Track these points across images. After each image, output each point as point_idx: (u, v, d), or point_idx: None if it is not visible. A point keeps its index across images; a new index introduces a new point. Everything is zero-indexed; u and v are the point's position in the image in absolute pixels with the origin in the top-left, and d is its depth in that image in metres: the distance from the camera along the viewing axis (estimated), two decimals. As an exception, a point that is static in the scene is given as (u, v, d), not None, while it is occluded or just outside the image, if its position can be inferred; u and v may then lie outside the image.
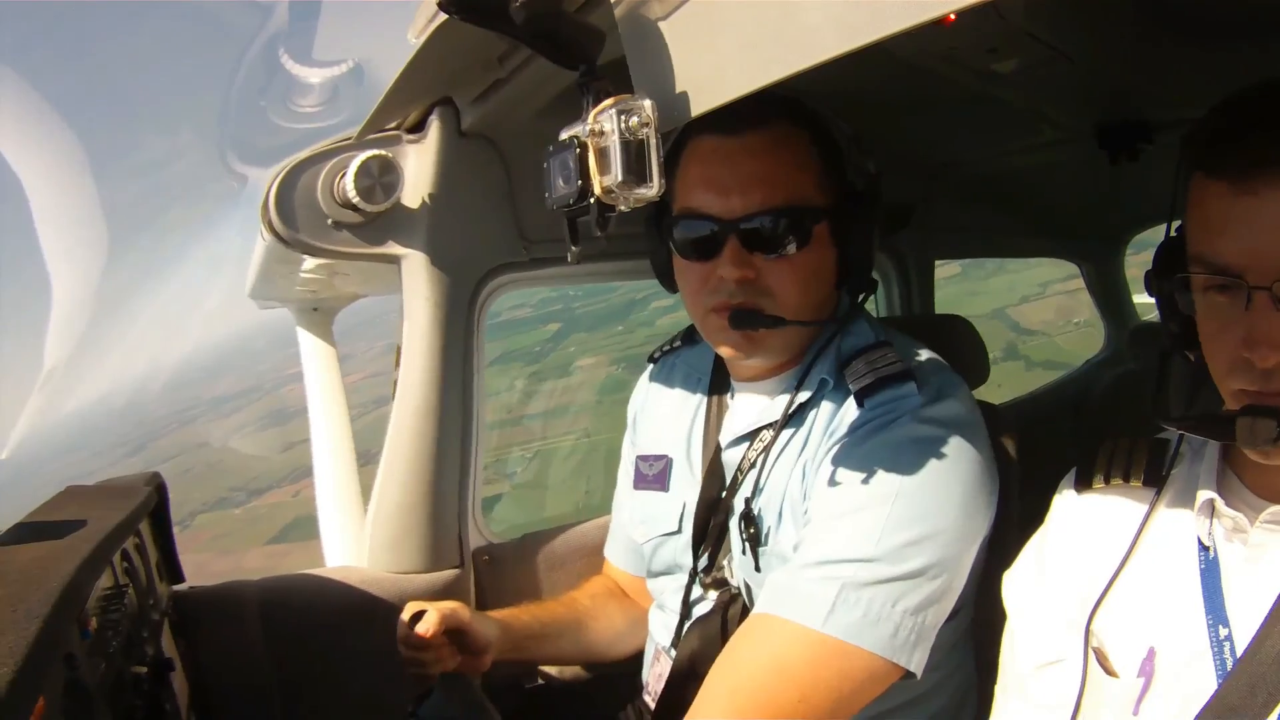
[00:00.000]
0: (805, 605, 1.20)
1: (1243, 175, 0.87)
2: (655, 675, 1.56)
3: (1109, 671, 1.04)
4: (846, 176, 1.39)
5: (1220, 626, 0.96)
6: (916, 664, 1.21)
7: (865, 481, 1.25)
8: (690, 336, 1.67)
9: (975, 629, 1.44)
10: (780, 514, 1.37)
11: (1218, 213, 0.90)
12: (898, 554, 1.20)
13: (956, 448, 1.28)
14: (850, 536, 1.22)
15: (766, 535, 1.39)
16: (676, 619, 1.51)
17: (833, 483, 1.28)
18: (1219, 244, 0.91)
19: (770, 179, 1.32)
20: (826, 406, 1.39)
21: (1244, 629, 0.93)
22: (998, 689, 1.21)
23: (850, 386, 1.35)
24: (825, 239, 1.36)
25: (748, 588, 1.43)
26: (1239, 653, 0.92)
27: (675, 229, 1.39)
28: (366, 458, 2.72)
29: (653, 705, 1.54)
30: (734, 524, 1.43)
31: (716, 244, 1.34)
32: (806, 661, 1.18)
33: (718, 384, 1.57)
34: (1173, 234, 1.02)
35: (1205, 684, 0.94)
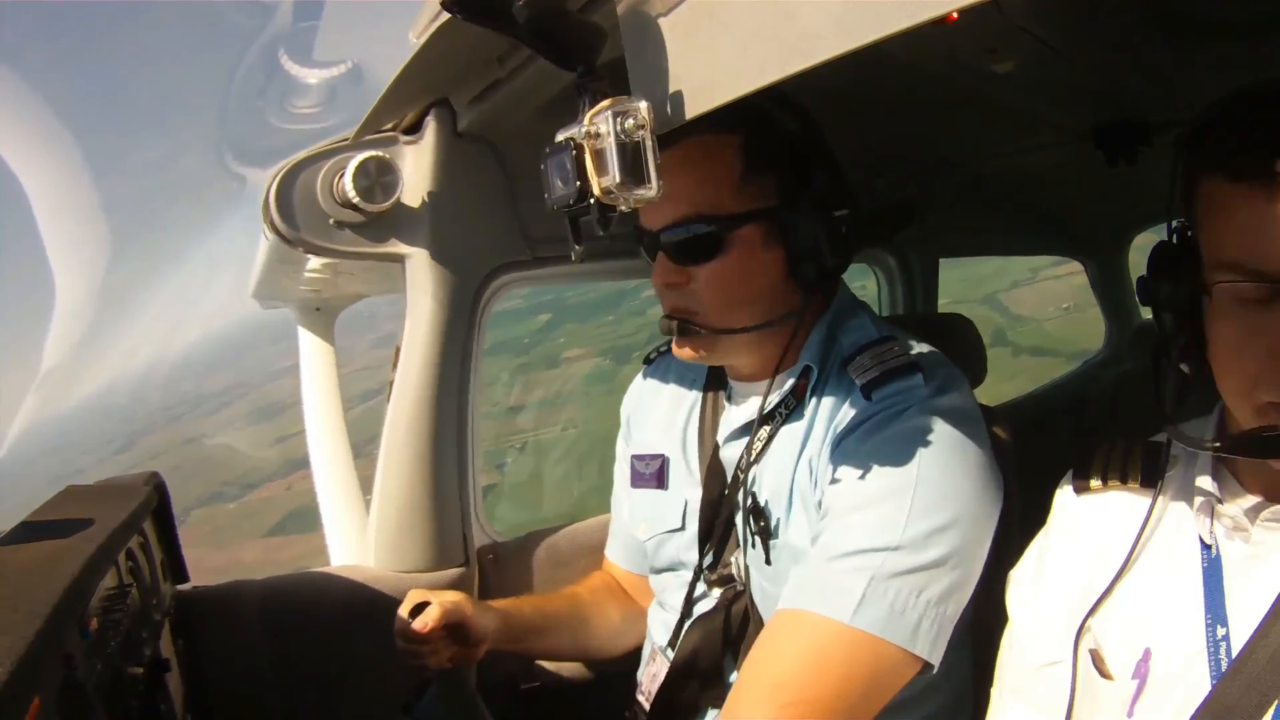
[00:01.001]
0: (835, 598, 1.20)
1: (1260, 172, 0.83)
2: (650, 675, 1.56)
3: (1104, 674, 1.04)
4: (801, 172, 1.36)
5: (1219, 626, 0.95)
6: (937, 656, 1.21)
7: (882, 472, 1.25)
8: None
9: (972, 629, 1.44)
10: (790, 506, 1.38)
11: (1252, 218, 0.86)
12: (921, 542, 1.21)
13: (967, 439, 1.28)
14: (873, 526, 1.22)
15: (776, 527, 1.39)
16: (677, 617, 1.51)
17: (848, 474, 1.28)
18: (1240, 247, 0.87)
19: (683, 191, 1.33)
20: (829, 400, 1.39)
21: (1242, 628, 0.93)
22: (994, 690, 1.21)
23: (856, 380, 1.35)
24: (754, 242, 1.35)
25: (756, 583, 1.43)
26: (1235, 653, 0.92)
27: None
28: (357, 450, 2.74)
29: (647, 706, 1.54)
30: (741, 518, 1.43)
31: (653, 254, 1.40)
32: (843, 657, 1.19)
33: (713, 383, 1.57)
34: (1172, 238, 0.99)
35: (1200, 686, 0.93)
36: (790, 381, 1.42)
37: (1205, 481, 1.02)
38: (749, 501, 1.40)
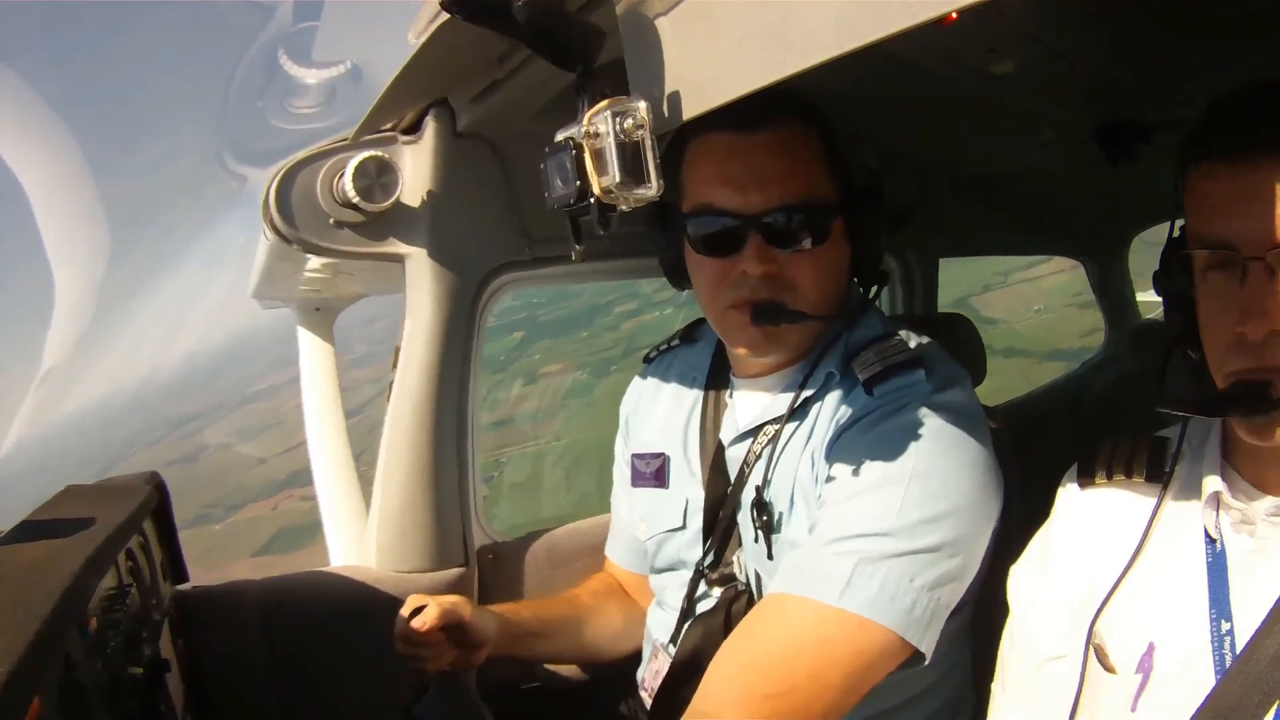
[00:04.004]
0: (821, 581, 1.20)
1: (1231, 152, 0.91)
2: (653, 672, 1.56)
3: (1108, 668, 1.04)
4: (850, 172, 1.41)
5: (1223, 621, 0.96)
6: (928, 645, 1.21)
7: (880, 463, 1.25)
8: (689, 335, 1.67)
9: (973, 628, 1.44)
10: (792, 501, 1.38)
11: (1211, 192, 0.94)
12: (915, 530, 1.21)
13: (967, 434, 1.29)
14: (866, 514, 1.22)
15: (779, 522, 1.39)
16: (677, 615, 1.51)
17: (846, 465, 1.28)
18: (1214, 222, 0.94)
19: (788, 175, 1.33)
20: (833, 395, 1.40)
21: (1246, 623, 0.94)
22: (995, 685, 1.21)
23: (859, 375, 1.36)
24: (839, 234, 1.39)
25: (758, 579, 1.43)
26: (1239, 648, 0.93)
27: (689, 225, 1.39)
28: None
29: (649, 703, 1.54)
30: (743, 515, 1.43)
31: (737, 240, 1.34)
32: (820, 638, 1.18)
33: (715, 381, 1.57)
34: (1175, 234, 1.04)
35: (1203, 680, 0.94)
36: (813, 390, 1.41)
37: (1212, 476, 1.03)
38: (754, 496, 1.40)
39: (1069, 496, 1.18)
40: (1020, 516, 1.35)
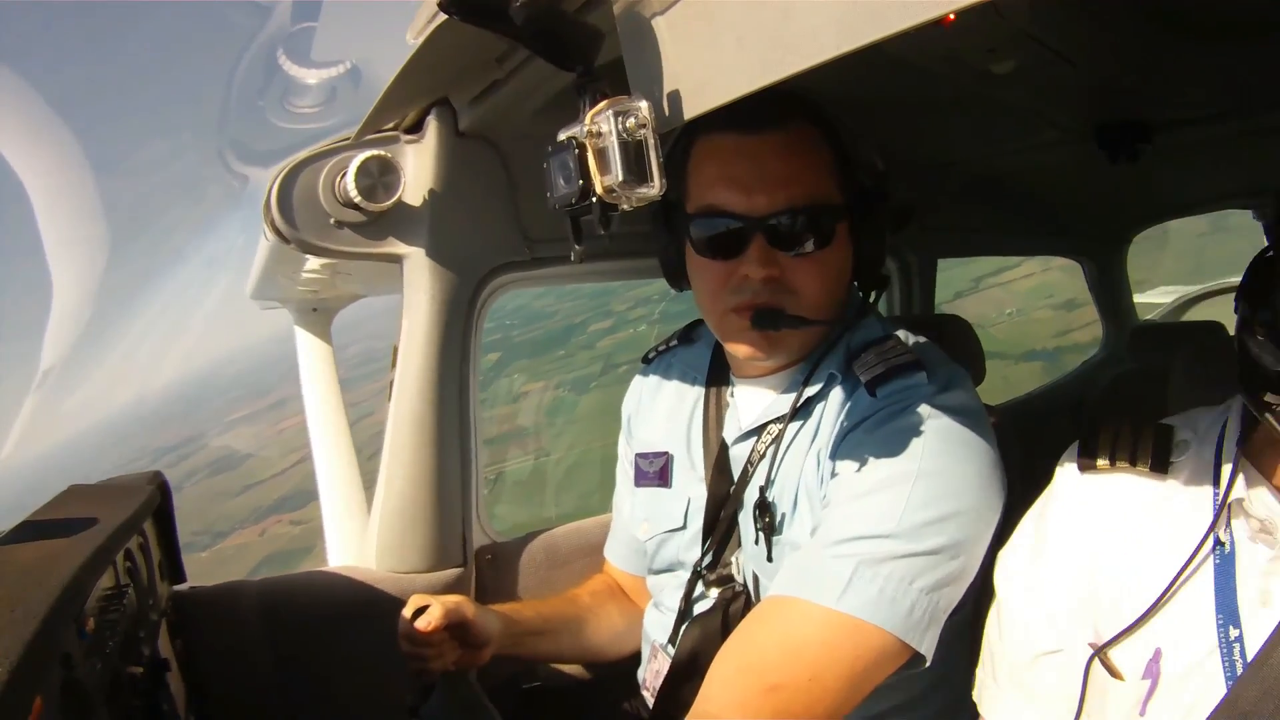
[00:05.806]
0: (820, 583, 1.19)
1: None
2: (653, 672, 1.56)
3: (1114, 673, 1.02)
4: (856, 174, 1.40)
5: (1231, 627, 0.94)
6: (928, 647, 1.20)
7: (883, 463, 1.25)
8: (686, 335, 1.67)
9: (973, 628, 1.44)
10: (795, 502, 1.38)
11: None
12: (917, 532, 1.20)
13: (971, 434, 1.28)
14: (869, 515, 1.22)
15: (781, 523, 1.39)
16: (674, 616, 1.51)
17: (850, 466, 1.28)
18: None
19: (794, 177, 1.32)
20: (836, 396, 1.39)
21: (1256, 631, 0.91)
22: (983, 672, 1.19)
23: (861, 376, 1.35)
24: (844, 237, 1.38)
25: (756, 581, 1.42)
26: (1249, 655, 0.91)
27: (692, 227, 1.38)
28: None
29: (651, 702, 1.54)
30: (745, 516, 1.43)
31: (740, 242, 1.34)
32: (819, 641, 1.18)
33: (715, 379, 1.57)
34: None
35: (1213, 687, 0.92)
36: (815, 389, 1.41)
37: (1238, 481, 0.98)
38: (757, 496, 1.40)
39: (1067, 479, 1.14)
40: (1020, 515, 1.35)
